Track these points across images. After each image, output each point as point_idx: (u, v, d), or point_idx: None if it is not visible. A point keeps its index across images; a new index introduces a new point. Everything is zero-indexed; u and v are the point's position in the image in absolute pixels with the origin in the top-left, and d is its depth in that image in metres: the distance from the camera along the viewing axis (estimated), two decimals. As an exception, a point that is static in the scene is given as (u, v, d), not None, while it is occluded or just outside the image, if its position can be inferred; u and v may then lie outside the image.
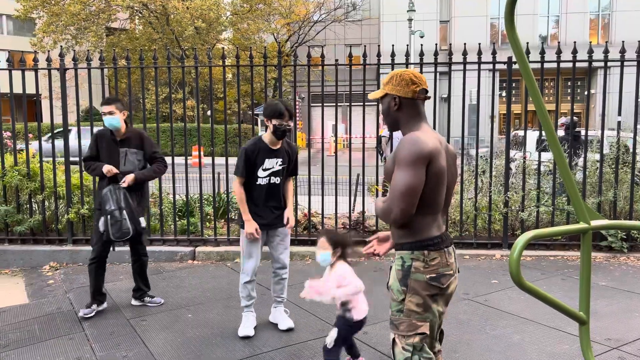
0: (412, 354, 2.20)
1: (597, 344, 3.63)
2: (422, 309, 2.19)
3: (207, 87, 26.11)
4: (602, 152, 6.04)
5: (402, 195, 2.12)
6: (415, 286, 2.19)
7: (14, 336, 3.99)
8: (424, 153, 2.13)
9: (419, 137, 2.18)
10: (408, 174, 2.12)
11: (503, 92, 25.49)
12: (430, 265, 2.19)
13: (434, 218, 2.25)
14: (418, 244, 2.21)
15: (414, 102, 2.31)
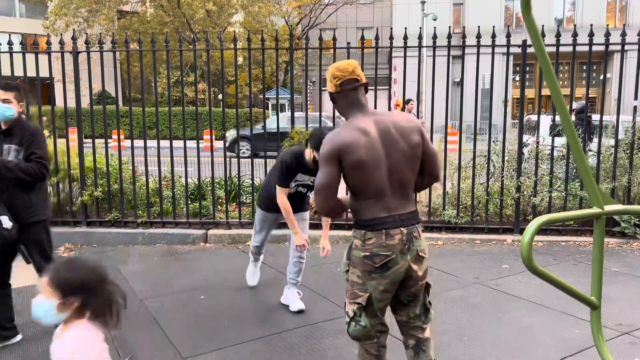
0: (350, 319, 2.45)
1: (608, 329, 3.62)
2: (361, 281, 2.40)
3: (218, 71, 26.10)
4: (617, 137, 5.97)
5: (317, 192, 2.38)
6: (354, 260, 2.42)
7: (28, 316, 4.06)
8: (332, 152, 2.30)
9: (331, 137, 2.34)
10: (320, 172, 2.36)
11: (516, 76, 25.17)
12: (366, 244, 2.37)
13: (377, 200, 2.36)
14: (358, 224, 2.42)
15: (343, 94, 2.43)
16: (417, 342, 2.52)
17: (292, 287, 4.13)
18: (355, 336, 2.45)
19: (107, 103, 6.02)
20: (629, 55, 7.19)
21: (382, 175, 2.33)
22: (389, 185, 2.35)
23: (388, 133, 2.34)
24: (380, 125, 2.36)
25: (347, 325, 2.46)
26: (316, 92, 30.68)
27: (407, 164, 2.37)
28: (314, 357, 3.30)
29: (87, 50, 6.03)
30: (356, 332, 2.43)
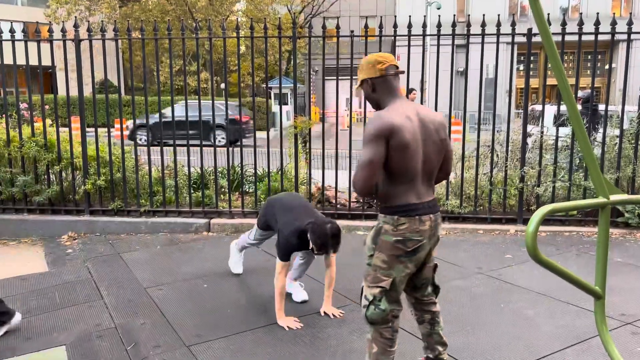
0: (369, 303, 2.48)
1: (612, 319, 3.63)
2: (386, 266, 2.45)
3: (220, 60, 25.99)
4: (622, 127, 5.93)
5: (362, 168, 2.36)
6: (382, 245, 2.45)
7: (34, 303, 4.10)
8: (383, 129, 2.34)
9: (381, 115, 2.39)
10: (367, 149, 2.36)
11: (521, 65, 25.04)
12: (398, 229, 2.42)
13: (410, 186, 2.45)
14: (390, 209, 2.45)
15: (384, 79, 2.52)
16: (432, 316, 2.73)
17: (295, 281, 4.14)
18: (373, 320, 2.49)
19: (109, 92, 6.00)
20: (635, 44, 7.13)
21: (418, 162, 2.43)
22: (421, 173, 2.47)
23: (425, 123, 2.47)
24: (420, 115, 2.48)
25: (366, 309, 2.50)
26: (319, 81, 30.58)
27: (436, 155, 2.51)
28: (317, 345, 3.31)
29: (89, 38, 6.00)
30: (375, 315, 2.48)
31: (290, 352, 3.22)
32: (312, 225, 3.45)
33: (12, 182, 6.17)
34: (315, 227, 3.42)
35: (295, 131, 6.25)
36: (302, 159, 6.58)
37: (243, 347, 3.31)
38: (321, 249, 3.42)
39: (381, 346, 2.51)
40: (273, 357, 3.17)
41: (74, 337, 3.51)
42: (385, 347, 2.51)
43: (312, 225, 3.45)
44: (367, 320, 2.51)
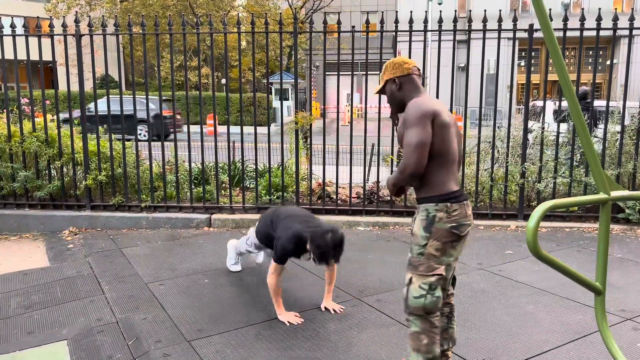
0: (426, 292, 2.50)
1: (611, 314, 3.63)
2: (440, 254, 2.50)
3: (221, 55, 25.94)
4: (623, 123, 5.92)
5: (414, 149, 2.42)
6: (438, 233, 2.49)
7: (36, 298, 4.12)
8: (428, 111, 2.45)
9: (421, 100, 2.51)
10: (416, 131, 2.43)
11: (522, 61, 24.97)
12: (452, 215, 2.49)
13: (451, 171, 2.56)
14: (442, 197, 2.51)
15: (410, 77, 2.66)
16: (451, 309, 2.77)
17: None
18: (430, 309, 2.49)
19: (110, 87, 6.00)
20: (636, 40, 7.11)
21: (454, 144, 2.56)
22: (457, 159, 2.60)
23: (448, 114, 2.58)
24: (444, 106, 2.61)
25: (423, 298, 2.49)
26: (320, 76, 30.53)
27: (459, 145, 2.64)
28: (317, 340, 3.32)
29: (90, 33, 6.00)
30: (432, 304, 2.49)
31: (291, 347, 3.23)
32: (312, 234, 3.32)
33: (14, 177, 6.17)
34: (315, 236, 3.29)
35: (296, 127, 6.24)
36: (303, 154, 6.59)
37: (244, 341, 3.32)
38: (321, 260, 3.30)
39: (432, 336, 2.51)
40: (273, 351, 3.18)
41: (75, 332, 3.52)
42: (435, 337, 2.52)
43: (312, 234, 3.32)
44: (422, 311, 2.49)
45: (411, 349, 2.55)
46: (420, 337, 2.51)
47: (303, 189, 6.47)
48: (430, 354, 2.50)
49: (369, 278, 4.42)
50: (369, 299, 3.98)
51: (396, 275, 4.49)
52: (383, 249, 5.21)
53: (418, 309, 2.50)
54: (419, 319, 2.51)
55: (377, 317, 3.65)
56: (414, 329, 2.54)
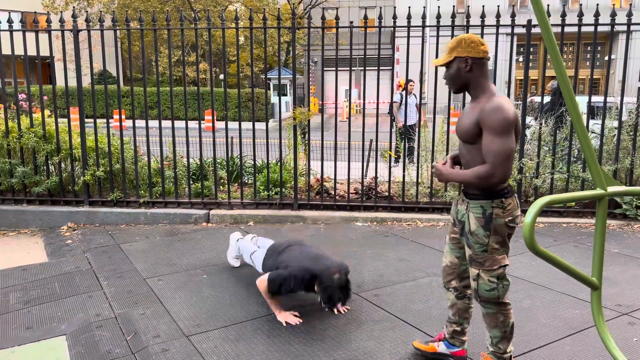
0: (497, 284, 2.60)
1: (608, 309, 3.65)
2: (500, 246, 2.59)
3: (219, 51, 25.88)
4: (621, 118, 5.94)
5: (505, 160, 2.44)
6: (497, 229, 2.56)
7: (35, 293, 4.12)
8: (512, 120, 2.44)
9: (504, 106, 2.44)
10: (505, 141, 2.43)
11: (520, 57, 24.96)
12: (507, 210, 2.56)
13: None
14: (496, 193, 2.55)
15: (482, 62, 2.57)
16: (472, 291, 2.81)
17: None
18: (503, 296, 2.63)
19: (108, 82, 5.98)
20: (634, 36, 7.11)
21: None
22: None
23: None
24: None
25: (495, 290, 2.60)
26: (318, 72, 30.49)
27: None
28: (316, 335, 3.34)
29: (88, 28, 5.98)
30: (504, 291, 2.63)
31: (289, 342, 3.25)
32: (321, 276, 3.28)
33: (11, 173, 6.17)
34: (325, 278, 3.26)
35: (294, 122, 6.25)
36: (301, 150, 6.59)
37: (242, 336, 3.33)
38: (329, 302, 3.28)
39: (505, 313, 2.67)
40: (272, 346, 3.20)
41: (74, 327, 3.53)
42: (509, 311, 2.67)
43: (321, 276, 3.28)
44: (497, 299, 2.62)
45: (489, 326, 2.71)
46: (497, 317, 2.66)
47: (301, 185, 6.48)
48: (508, 327, 2.68)
49: (367, 273, 4.44)
50: (367, 294, 4.00)
51: (394, 270, 4.51)
52: (381, 245, 5.23)
53: (493, 299, 2.63)
54: (493, 305, 2.65)
55: (375, 312, 3.67)
56: (489, 311, 2.67)
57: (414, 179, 6.54)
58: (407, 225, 5.92)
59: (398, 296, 3.95)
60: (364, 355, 3.09)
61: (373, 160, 6.74)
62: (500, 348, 2.71)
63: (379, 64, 5.88)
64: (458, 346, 2.94)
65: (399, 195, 6.41)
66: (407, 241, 5.34)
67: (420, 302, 3.84)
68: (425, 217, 6.04)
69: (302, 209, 6.22)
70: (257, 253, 4.01)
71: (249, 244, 4.28)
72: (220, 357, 3.07)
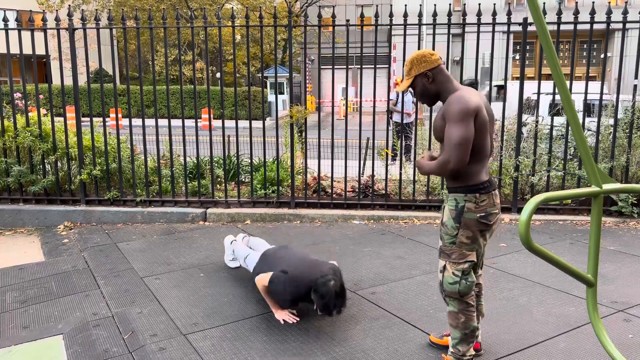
0: (460, 278, 2.65)
1: (603, 306, 3.67)
2: (470, 241, 2.62)
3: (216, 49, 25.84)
4: (617, 116, 5.96)
5: (458, 146, 2.46)
6: (467, 223, 2.60)
7: (32, 292, 4.12)
8: (471, 109, 2.47)
9: (463, 96, 2.50)
10: (460, 128, 2.46)
11: (517, 55, 24.99)
12: (480, 205, 2.59)
13: (483, 164, 2.63)
14: (471, 187, 2.59)
15: (440, 68, 2.65)
16: (479, 288, 2.92)
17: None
18: (464, 292, 2.66)
19: (104, 81, 5.97)
20: (630, 33, 7.13)
21: (488, 140, 2.62)
22: (489, 151, 2.65)
23: (486, 105, 2.63)
24: (481, 96, 2.64)
25: (457, 284, 2.65)
26: (315, 70, 30.46)
27: (491, 135, 2.67)
28: (313, 333, 3.34)
29: (84, 27, 5.96)
30: (466, 288, 2.66)
31: (286, 340, 3.25)
32: (317, 284, 3.26)
33: (7, 172, 6.15)
34: (320, 285, 3.24)
35: (291, 121, 6.25)
36: (298, 148, 6.59)
37: (240, 335, 3.33)
38: (324, 310, 3.24)
39: (467, 314, 2.70)
40: (269, 344, 3.20)
41: (71, 327, 3.53)
42: (471, 313, 2.71)
43: (317, 284, 3.26)
44: (458, 294, 2.66)
45: (451, 326, 2.75)
46: (458, 316, 2.70)
47: (298, 183, 6.48)
48: (468, 329, 2.71)
49: (364, 271, 4.45)
50: (364, 291, 4.01)
51: (391, 268, 4.52)
52: (378, 243, 5.24)
53: (454, 293, 2.67)
54: (455, 301, 2.70)
55: (372, 310, 3.68)
56: (451, 309, 2.73)
57: (410, 177, 6.55)
58: (404, 223, 5.93)
59: (395, 294, 3.96)
60: (361, 352, 3.10)
61: (370, 158, 6.74)
62: (460, 350, 2.73)
63: (375, 62, 5.88)
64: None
65: (395, 193, 6.42)
66: (404, 239, 5.35)
67: (417, 299, 3.85)
68: (422, 214, 6.05)
69: (299, 207, 6.22)
70: (251, 256, 3.99)
71: (242, 247, 4.27)
72: (217, 356, 3.08)
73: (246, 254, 4.09)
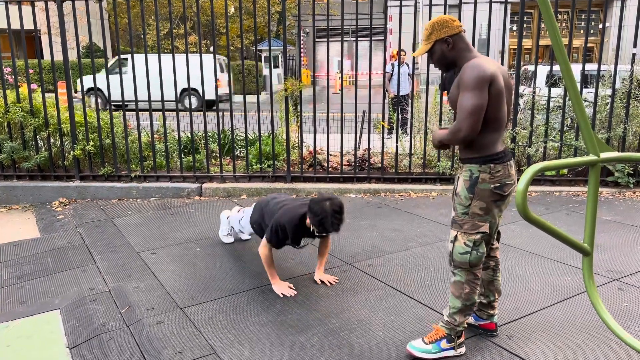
0: (471, 249, 2.61)
1: (599, 275, 3.69)
2: (484, 212, 2.58)
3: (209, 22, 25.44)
4: (614, 86, 5.91)
5: (470, 114, 2.40)
6: (481, 193, 2.55)
7: (28, 268, 4.11)
8: (486, 76, 2.39)
9: (479, 63, 2.43)
10: (473, 95, 2.39)
11: (514, 25, 24.72)
12: (495, 176, 2.53)
13: (499, 135, 2.56)
14: (485, 158, 2.53)
15: (460, 36, 2.57)
16: (496, 262, 2.87)
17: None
18: (474, 263, 2.63)
19: (96, 56, 5.86)
20: (628, 3, 7.03)
21: (505, 110, 2.54)
22: (505, 121, 2.57)
23: (503, 73, 2.55)
24: (500, 67, 2.56)
25: (468, 254, 2.61)
26: (310, 43, 30.09)
27: (509, 104, 2.60)
28: (310, 305, 3.35)
29: None
30: (476, 259, 2.62)
31: (283, 312, 3.27)
32: (310, 203, 3.27)
33: (0, 149, 6.09)
34: (313, 204, 3.23)
35: (285, 94, 6.18)
36: (294, 122, 6.54)
37: (236, 307, 3.34)
38: (320, 226, 3.19)
39: (473, 286, 2.67)
40: (265, 316, 3.21)
41: (68, 301, 3.53)
42: (476, 286, 2.68)
43: (310, 203, 3.27)
44: (468, 265, 2.63)
45: (452, 295, 2.70)
46: (463, 287, 2.66)
47: (294, 157, 6.44)
48: (469, 301, 2.68)
49: (361, 244, 4.45)
50: (361, 264, 4.02)
51: (387, 240, 4.52)
52: (374, 216, 5.24)
53: (463, 264, 2.63)
54: (463, 271, 2.66)
55: (369, 282, 3.69)
56: (457, 279, 2.68)
57: (407, 150, 6.52)
58: (400, 196, 5.93)
59: (391, 266, 3.97)
60: (357, 324, 3.11)
61: (366, 131, 6.70)
62: (455, 319, 2.70)
63: (371, 34, 5.78)
64: (485, 319, 2.93)
65: (392, 166, 6.40)
66: (401, 212, 5.35)
67: (413, 271, 3.87)
68: (419, 187, 6.04)
69: (295, 181, 6.20)
70: (245, 217, 4.05)
71: (236, 214, 4.30)
72: (214, 328, 3.09)
73: (240, 217, 4.14)
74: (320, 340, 2.93)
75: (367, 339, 2.95)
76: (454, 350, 2.73)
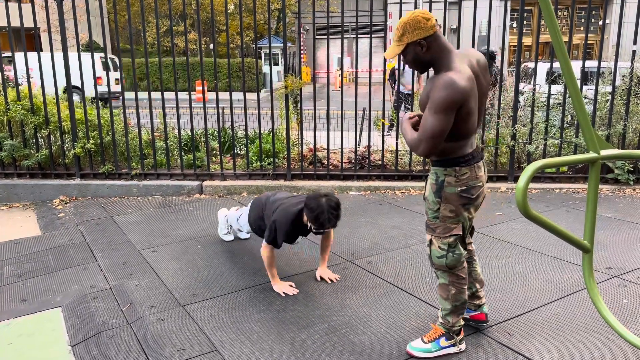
0: (446, 252, 2.59)
1: (599, 272, 3.70)
2: (454, 215, 2.54)
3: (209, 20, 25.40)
4: (614, 83, 5.91)
5: (430, 137, 2.31)
6: (448, 197, 2.51)
7: (29, 266, 4.12)
8: (456, 99, 2.25)
9: (453, 81, 2.24)
10: (438, 119, 2.28)
11: (514, 22, 24.68)
12: (460, 179, 2.49)
13: (467, 140, 2.48)
14: (450, 161, 2.48)
15: (436, 35, 2.38)
16: (470, 254, 2.88)
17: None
18: (452, 265, 2.61)
19: (95, 52, 5.87)
20: (628, 0, 7.02)
21: (476, 121, 2.47)
22: (475, 129, 2.50)
23: (478, 76, 2.44)
24: (474, 68, 2.43)
25: (444, 258, 2.60)
26: (310, 40, 30.05)
27: (484, 103, 2.54)
28: (310, 302, 3.36)
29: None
30: (454, 261, 2.61)
31: (284, 309, 3.28)
32: (306, 199, 3.28)
33: (0, 147, 6.09)
34: (309, 201, 3.24)
35: (286, 91, 6.18)
36: (294, 120, 6.54)
37: (237, 305, 3.35)
38: (316, 222, 3.21)
39: (458, 286, 2.66)
40: (267, 313, 3.22)
41: (69, 299, 3.54)
42: (462, 286, 2.67)
43: (306, 199, 3.28)
44: (446, 267, 2.62)
45: (441, 297, 2.71)
46: (449, 288, 2.66)
47: (294, 155, 6.44)
48: (458, 301, 2.67)
49: (361, 241, 4.46)
50: (361, 261, 4.03)
51: (387, 238, 4.53)
52: (374, 213, 5.24)
53: (442, 267, 2.63)
54: (445, 273, 2.65)
55: (369, 279, 3.70)
56: (442, 281, 2.68)
57: (407, 148, 6.52)
58: (401, 194, 5.94)
59: (392, 263, 3.98)
60: (358, 321, 3.12)
61: (366, 129, 6.70)
62: (449, 321, 2.70)
63: (371, 31, 5.79)
64: (474, 310, 2.95)
65: (392, 163, 6.40)
66: (401, 209, 5.36)
67: (413, 268, 3.87)
68: (419, 185, 6.05)
69: (295, 179, 6.21)
70: (243, 216, 4.07)
71: (234, 213, 4.31)
72: (216, 326, 3.10)
73: (239, 215, 4.16)
74: (321, 337, 2.94)
75: (368, 336, 2.96)
76: (455, 346, 2.75)
